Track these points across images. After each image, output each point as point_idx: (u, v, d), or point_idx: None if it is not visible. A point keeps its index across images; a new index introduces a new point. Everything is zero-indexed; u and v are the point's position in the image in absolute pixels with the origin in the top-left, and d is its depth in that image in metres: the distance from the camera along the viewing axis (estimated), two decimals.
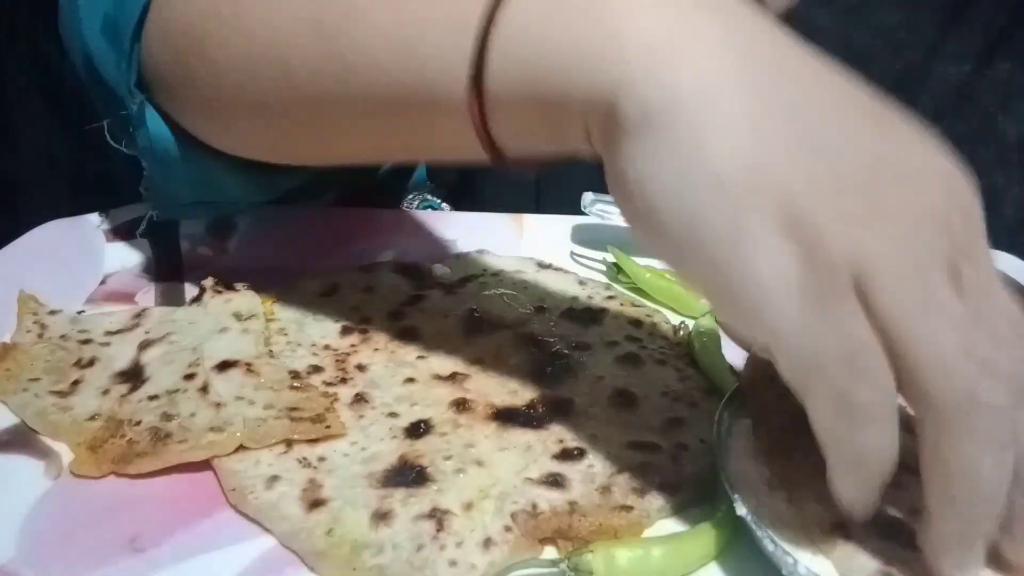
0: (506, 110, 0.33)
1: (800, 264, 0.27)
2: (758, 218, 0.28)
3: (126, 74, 0.45)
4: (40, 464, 0.38)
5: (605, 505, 0.35)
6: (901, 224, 0.28)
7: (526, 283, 0.51)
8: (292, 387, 0.41)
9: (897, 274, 0.27)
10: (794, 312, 0.27)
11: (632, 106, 0.29)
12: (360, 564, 0.33)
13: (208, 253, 0.55)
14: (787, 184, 0.28)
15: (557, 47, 0.31)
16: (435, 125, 0.36)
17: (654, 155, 0.29)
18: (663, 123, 0.29)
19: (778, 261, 0.27)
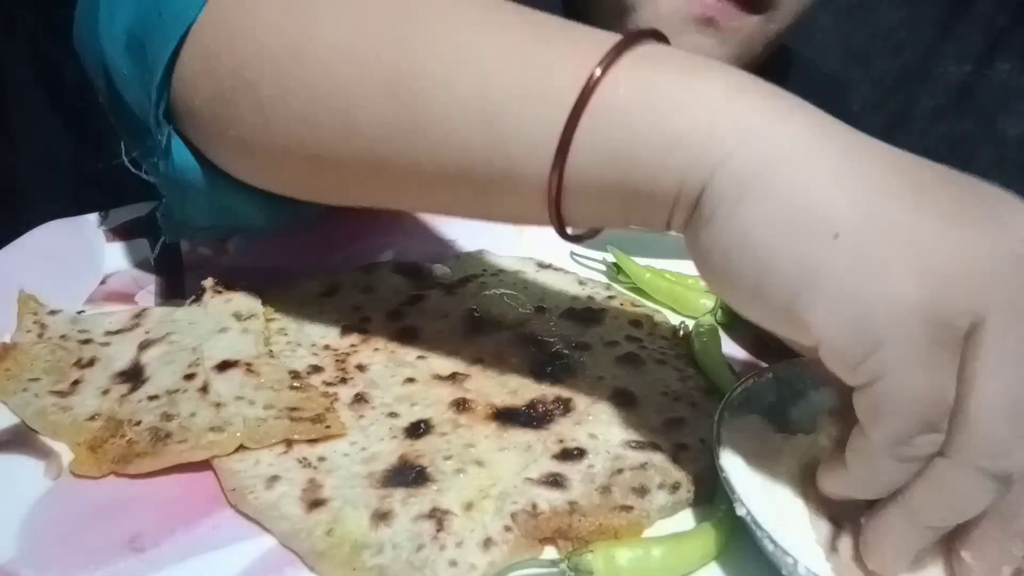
0: (585, 193, 0.33)
1: (925, 308, 0.28)
2: (881, 263, 0.28)
3: (154, 104, 0.41)
4: (40, 464, 0.38)
5: (605, 505, 0.35)
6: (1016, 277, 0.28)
7: (526, 283, 0.51)
8: (292, 387, 0.41)
9: (1007, 329, 0.28)
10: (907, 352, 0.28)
11: (727, 179, 0.30)
12: (360, 564, 0.33)
13: (208, 253, 0.55)
14: (907, 230, 0.28)
15: (647, 136, 0.31)
16: (505, 196, 0.35)
17: (757, 217, 0.30)
18: (763, 185, 0.29)
19: (902, 301, 0.28)
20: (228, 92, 0.40)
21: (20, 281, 0.48)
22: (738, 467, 0.34)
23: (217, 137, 0.42)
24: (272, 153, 0.40)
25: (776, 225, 0.29)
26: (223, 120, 0.40)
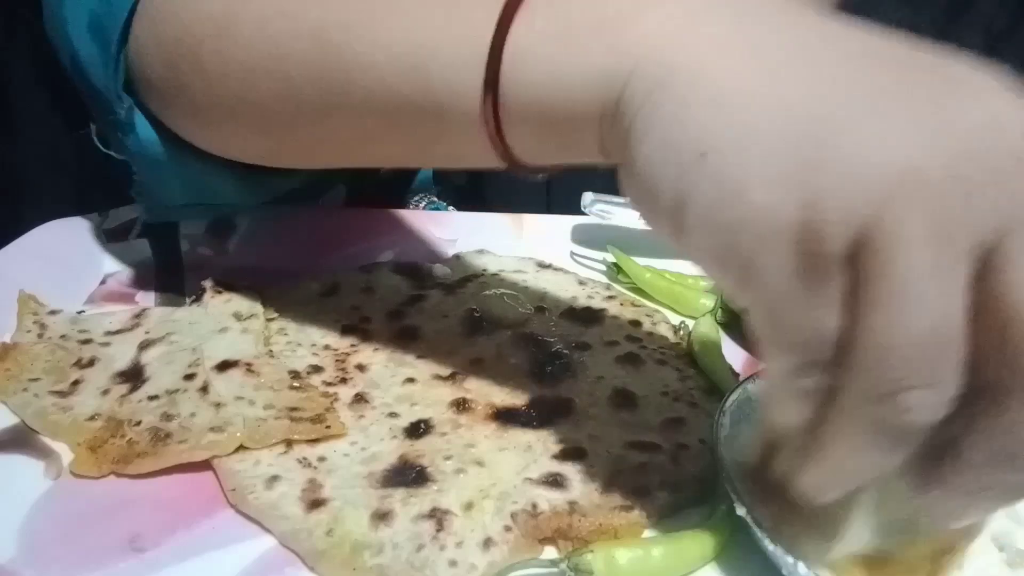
0: (521, 124, 0.32)
1: (789, 227, 0.25)
2: (741, 181, 0.26)
3: (113, 77, 0.44)
4: (40, 464, 0.38)
5: (605, 505, 0.35)
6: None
7: (526, 283, 0.51)
8: (292, 387, 0.41)
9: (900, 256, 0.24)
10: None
11: (629, 98, 0.29)
12: (360, 564, 0.33)
13: (208, 253, 0.55)
14: (786, 140, 0.25)
15: (568, 59, 0.30)
16: (446, 137, 0.36)
17: (646, 133, 0.28)
18: (654, 101, 0.28)
19: (763, 220, 0.25)
20: (175, 59, 0.41)
21: (20, 281, 0.48)
22: (738, 467, 0.34)
23: (171, 105, 0.44)
24: (219, 116, 0.42)
25: (657, 150, 0.27)
26: (173, 87, 0.42)
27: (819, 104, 0.25)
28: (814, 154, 0.25)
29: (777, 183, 0.25)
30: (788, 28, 0.28)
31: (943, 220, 0.23)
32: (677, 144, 0.27)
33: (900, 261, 0.23)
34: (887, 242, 0.23)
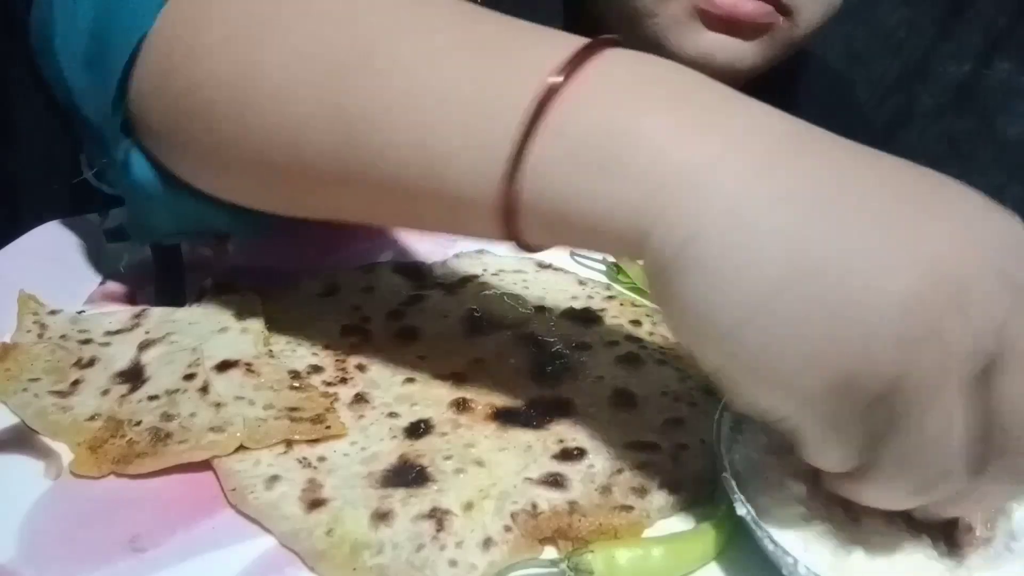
0: (538, 228, 0.32)
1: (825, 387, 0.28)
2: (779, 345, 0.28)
3: (111, 118, 0.42)
4: (40, 464, 0.38)
5: (605, 505, 0.35)
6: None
7: (526, 283, 0.51)
8: (292, 387, 0.41)
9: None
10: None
11: (661, 244, 0.29)
12: (360, 564, 0.33)
13: (208, 253, 0.55)
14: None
15: (591, 186, 0.30)
16: (460, 225, 0.37)
17: (683, 287, 0.29)
18: (689, 256, 0.29)
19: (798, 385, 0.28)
20: (182, 112, 0.40)
21: (20, 281, 0.48)
22: (738, 467, 0.34)
23: (174, 152, 0.42)
24: (228, 170, 0.41)
25: (697, 304, 0.29)
26: (178, 137, 0.41)
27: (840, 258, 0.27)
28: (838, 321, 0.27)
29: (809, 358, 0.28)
30: (820, 169, 0.29)
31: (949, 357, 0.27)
32: (716, 307, 0.29)
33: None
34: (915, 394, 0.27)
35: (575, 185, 0.30)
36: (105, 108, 0.42)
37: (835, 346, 0.27)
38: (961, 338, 0.26)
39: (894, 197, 0.28)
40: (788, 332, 0.27)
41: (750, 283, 0.28)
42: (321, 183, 0.38)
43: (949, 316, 0.26)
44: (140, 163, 0.43)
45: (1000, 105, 0.98)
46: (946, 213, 0.28)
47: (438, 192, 0.33)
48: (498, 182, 0.31)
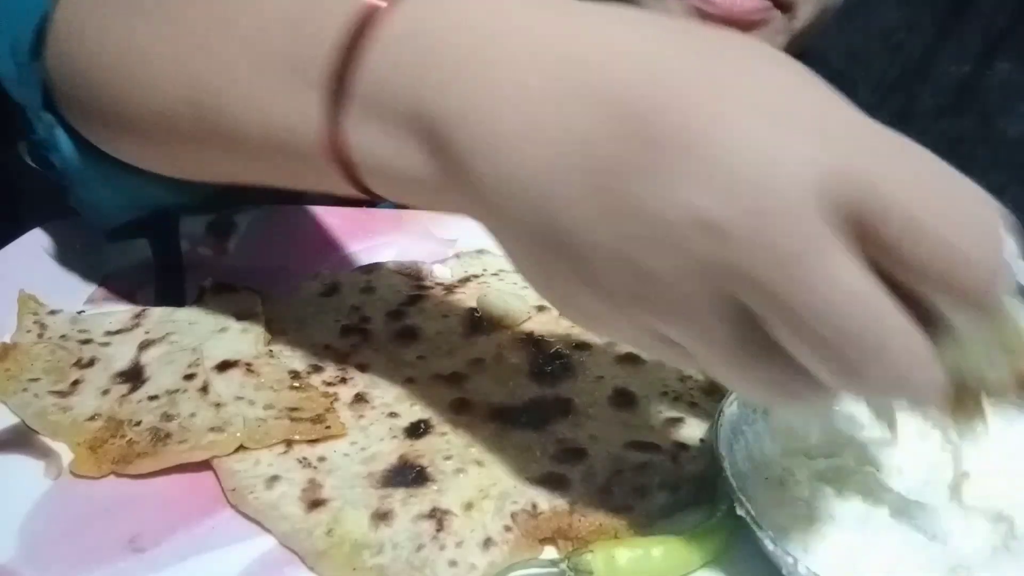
0: (370, 165, 0.33)
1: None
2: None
3: (32, 94, 0.45)
4: (40, 464, 0.38)
5: (605, 505, 0.35)
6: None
7: (526, 283, 0.51)
8: (292, 387, 0.41)
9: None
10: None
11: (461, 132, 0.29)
12: (360, 564, 0.33)
13: (208, 253, 0.55)
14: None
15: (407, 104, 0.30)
16: (302, 174, 0.37)
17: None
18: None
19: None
20: (83, 86, 0.43)
21: (20, 281, 0.48)
22: (738, 467, 0.34)
23: (85, 117, 0.45)
24: (125, 134, 0.43)
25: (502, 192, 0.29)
26: (85, 107, 0.44)
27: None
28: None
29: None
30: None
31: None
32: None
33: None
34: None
35: (395, 107, 0.31)
36: (24, 85, 0.45)
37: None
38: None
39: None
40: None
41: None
42: (188, 142, 0.40)
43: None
44: (64, 139, 0.46)
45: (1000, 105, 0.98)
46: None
47: (276, 138, 0.35)
48: (325, 116, 0.32)
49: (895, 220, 0.24)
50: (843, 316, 0.24)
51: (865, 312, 0.25)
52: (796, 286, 0.24)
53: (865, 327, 0.25)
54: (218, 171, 0.42)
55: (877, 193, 0.24)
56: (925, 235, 0.24)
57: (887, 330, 0.25)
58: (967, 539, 0.32)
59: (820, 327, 0.24)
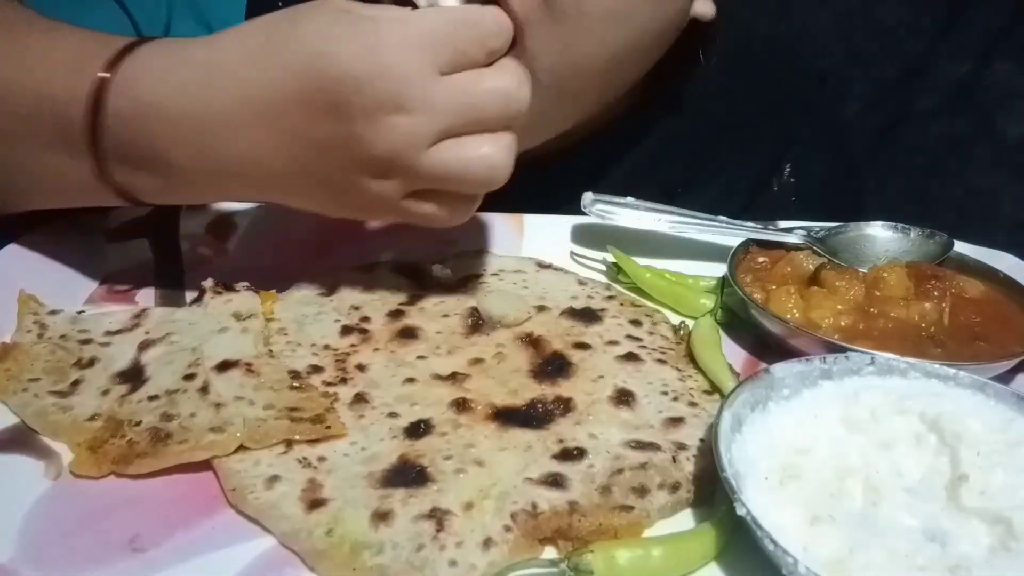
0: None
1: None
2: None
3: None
4: (40, 464, 0.38)
5: (605, 505, 0.35)
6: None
7: (526, 283, 0.51)
8: (292, 387, 0.41)
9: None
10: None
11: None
12: (360, 564, 0.33)
13: (208, 253, 0.55)
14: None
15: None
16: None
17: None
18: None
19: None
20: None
21: (20, 281, 0.48)
22: (738, 466, 0.34)
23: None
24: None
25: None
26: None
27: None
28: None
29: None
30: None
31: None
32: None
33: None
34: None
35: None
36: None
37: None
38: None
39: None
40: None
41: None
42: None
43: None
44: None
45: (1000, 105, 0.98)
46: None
47: (70, 186, 0.46)
48: (99, 171, 0.44)
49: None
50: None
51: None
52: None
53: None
54: (19, 205, 0.50)
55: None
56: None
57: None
58: (966, 540, 0.32)
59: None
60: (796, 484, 0.34)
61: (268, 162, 0.43)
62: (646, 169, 0.66)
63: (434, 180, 0.43)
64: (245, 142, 0.43)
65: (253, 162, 0.43)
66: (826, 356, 0.39)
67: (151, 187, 0.46)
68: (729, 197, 0.67)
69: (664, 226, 0.54)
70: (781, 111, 0.69)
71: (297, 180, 0.44)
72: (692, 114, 0.66)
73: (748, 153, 0.69)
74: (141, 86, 0.43)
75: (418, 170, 0.42)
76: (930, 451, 0.36)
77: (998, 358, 0.43)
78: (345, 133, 0.41)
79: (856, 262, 0.52)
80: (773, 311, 0.46)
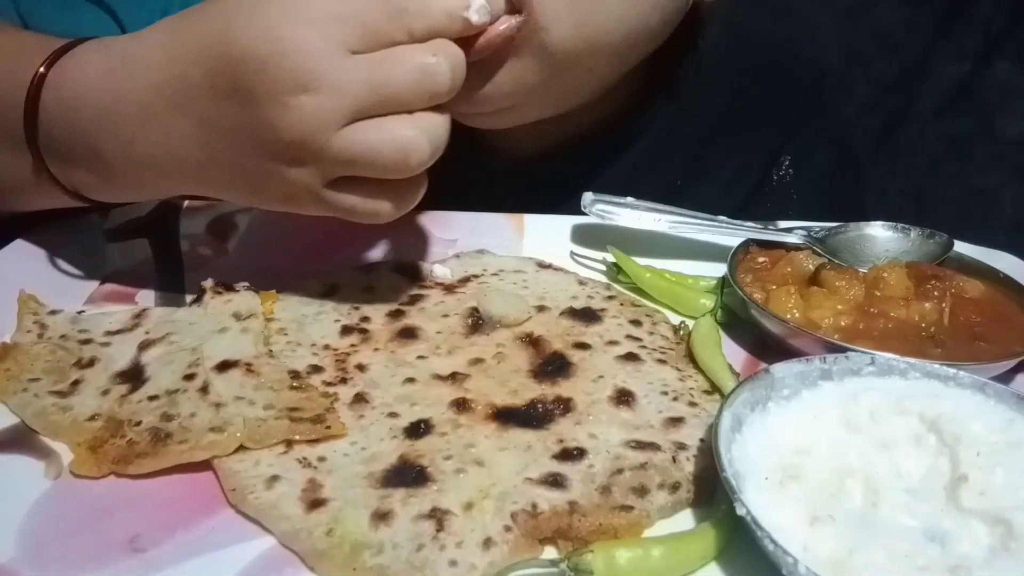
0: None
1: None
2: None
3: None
4: (40, 464, 0.38)
5: (605, 505, 0.35)
6: None
7: (526, 283, 0.51)
8: (292, 387, 0.41)
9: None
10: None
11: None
12: (360, 564, 0.33)
13: (208, 253, 0.55)
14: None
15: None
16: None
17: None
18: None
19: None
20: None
21: (20, 281, 0.48)
22: (738, 466, 0.34)
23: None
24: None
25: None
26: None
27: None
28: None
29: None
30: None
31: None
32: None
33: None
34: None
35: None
36: None
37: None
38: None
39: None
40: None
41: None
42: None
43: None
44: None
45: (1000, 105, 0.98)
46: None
47: (26, 185, 0.47)
48: (42, 169, 0.46)
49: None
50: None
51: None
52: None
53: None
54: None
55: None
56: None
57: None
58: (966, 540, 0.32)
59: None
60: (796, 484, 0.34)
61: (183, 152, 0.42)
62: (646, 166, 0.66)
63: (348, 165, 0.41)
64: (159, 132, 0.42)
65: (170, 152, 0.43)
66: (826, 356, 0.39)
67: (89, 183, 0.46)
68: (729, 193, 0.67)
69: (664, 226, 0.54)
70: (781, 106, 0.69)
71: (214, 170, 0.43)
72: (691, 110, 0.66)
73: (748, 148, 0.69)
74: (70, 81, 0.44)
75: (329, 153, 0.40)
76: (930, 451, 0.36)
77: (998, 358, 0.43)
78: (252, 117, 0.40)
79: (856, 262, 0.52)
80: (773, 311, 0.46)
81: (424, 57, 0.40)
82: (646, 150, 0.66)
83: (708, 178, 0.67)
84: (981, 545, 0.32)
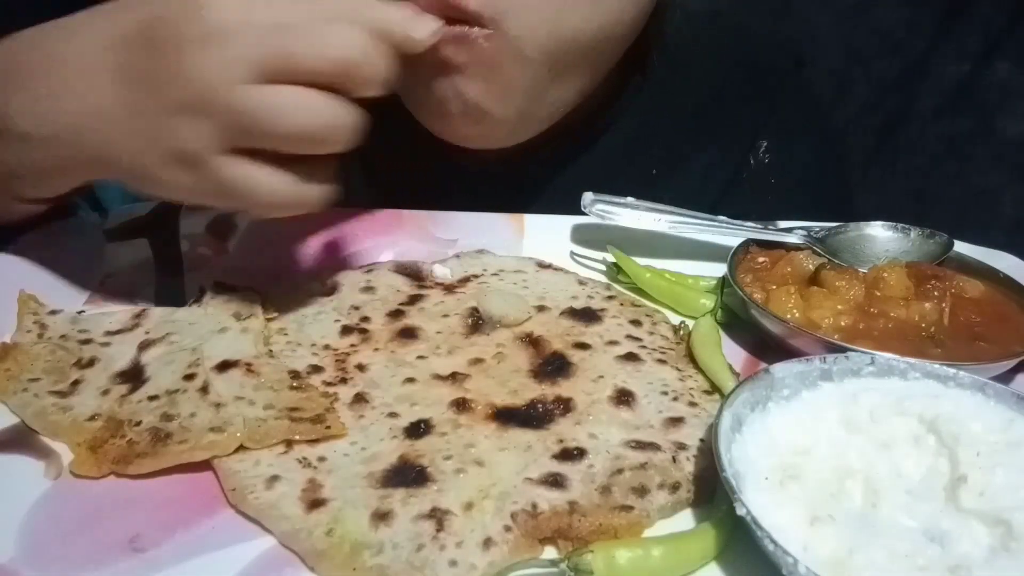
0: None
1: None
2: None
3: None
4: (40, 464, 0.38)
5: (605, 505, 0.35)
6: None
7: (526, 283, 0.51)
8: (292, 387, 0.41)
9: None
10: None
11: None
12: (360, 564, 0.33)
13: (208, 253, 0.55)
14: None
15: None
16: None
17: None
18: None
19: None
20: None
21: (20, 281, 0.48)
22: (738, 466, 0.34)
23: None
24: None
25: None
26: None
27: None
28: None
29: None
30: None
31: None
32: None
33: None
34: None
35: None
36: None
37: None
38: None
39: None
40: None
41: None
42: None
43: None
44: None
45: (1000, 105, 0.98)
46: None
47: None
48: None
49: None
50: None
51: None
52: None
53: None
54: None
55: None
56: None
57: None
58: (966, 540, 0.32)
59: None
60: (796, 484, 0.34)
61: (94, 102, 0.42)
62: (622, 159, 0.66)
63: (248, 127, 0.40)
64: (76, 85, 0.43)
65: (81, 106, 0.43)
66: (826, 356, 0.39)
67: (11, 163, 0.46)
68: (708, 180, 0.67)
69: (664, 226, 0.54)
70: (757, 92, 0.69)
71: (117, 124, 0.42)
72: (666, 98, 0.66)
73: (725, 135, 0.68)
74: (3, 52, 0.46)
75: (232, 107, 0.39)
76: (930, 451, 0.36)
77: (998, 358, 0.43)
78: (158, 66, 0.41)
79: (856, 262, 0.52)
80: (773, 311, 0.46)
81: (346, 30, 0.40)
82: (623, 142, 0.66)
83: (686, 167, 0.67)
84: (981, 545, 0.32)
